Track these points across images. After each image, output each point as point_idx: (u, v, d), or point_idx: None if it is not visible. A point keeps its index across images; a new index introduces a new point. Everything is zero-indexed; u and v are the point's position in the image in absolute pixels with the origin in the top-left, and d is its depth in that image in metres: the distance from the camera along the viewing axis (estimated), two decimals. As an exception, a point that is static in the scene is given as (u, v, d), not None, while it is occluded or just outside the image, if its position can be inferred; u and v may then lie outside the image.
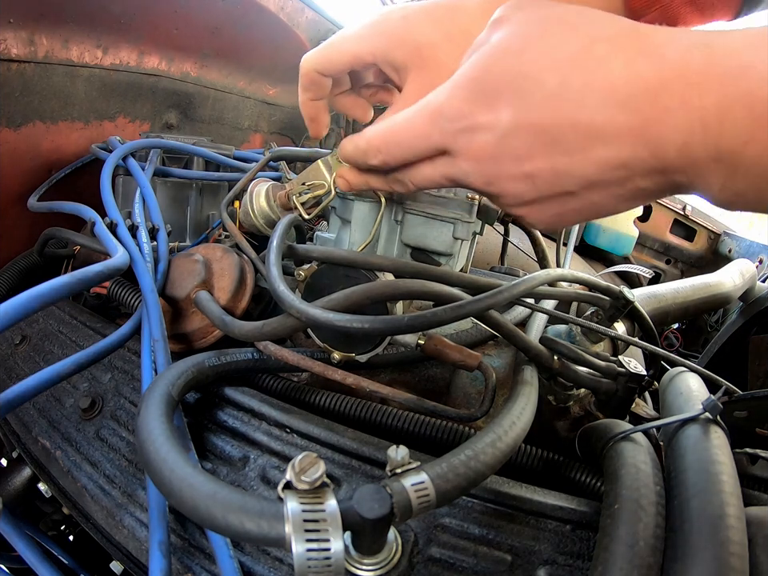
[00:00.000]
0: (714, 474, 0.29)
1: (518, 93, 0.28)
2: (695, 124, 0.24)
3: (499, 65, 0.29)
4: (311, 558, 0.24)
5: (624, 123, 0.26)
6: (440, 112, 0.31)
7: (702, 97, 0.24)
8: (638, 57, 0.26)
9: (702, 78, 0.24)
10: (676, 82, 0.25)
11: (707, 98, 0.24)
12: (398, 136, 0.33)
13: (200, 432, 0.45)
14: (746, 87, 0.23)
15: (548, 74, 0.27)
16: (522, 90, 0.28)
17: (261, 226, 0.59)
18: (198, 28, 1.04)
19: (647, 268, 0.82)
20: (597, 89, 0.26)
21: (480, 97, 0.29)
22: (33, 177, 0.83)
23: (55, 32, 0.79)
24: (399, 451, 0.29)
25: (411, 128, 0.33)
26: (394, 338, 0.46)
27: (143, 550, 0.40)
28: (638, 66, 0.26)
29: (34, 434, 0.51)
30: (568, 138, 0.27)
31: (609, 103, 0.26)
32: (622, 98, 0.26)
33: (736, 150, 0.24)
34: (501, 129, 0.29)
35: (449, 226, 0.51)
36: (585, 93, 0.26)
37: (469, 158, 0.31)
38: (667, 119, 0.25)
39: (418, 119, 0.32)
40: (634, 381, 0.46)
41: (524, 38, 0.28)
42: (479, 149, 0.30)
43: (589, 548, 0.34)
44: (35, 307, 0.38)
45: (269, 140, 1.43)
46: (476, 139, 0.30)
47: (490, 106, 0.29)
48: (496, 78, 0.29)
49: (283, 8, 1.16)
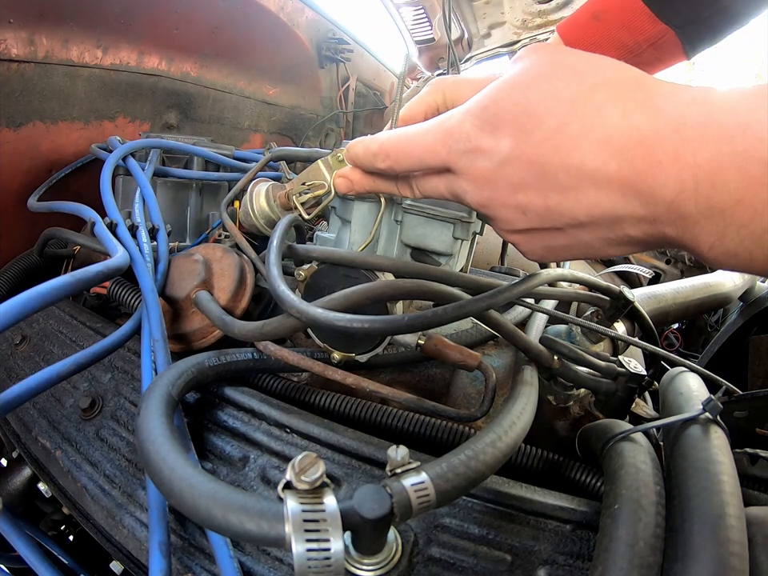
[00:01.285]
0: (714, 474, 0.29)
1: (519, 127, 0.29)
2: (687, 180, 0.24)
3: (507, 98, 0.30)
4: (311, 558, 0.24)
5: (616, 172, 0.26)
6: (450, 132, 0.32)
7: (695, 154, 0.24)
8: (636, 108, 0.26)
9: (697, 135, 0.24)
10: (671, 137, 0.25)
11: (701, 155, 0.24)
12: (410, 147, 0.35)
13: (200, 432, 0.45)
14: (741, 147, 0.23)
15: (548, 115, 0.28)
16: (524, 125, 0.29)
17: (261, 226, 0.59)
18: (197, 28, 1.04)
19: (647, 268, 0.82)
20: (593, 136, 0.27)
21: (486, 124, 0.31)
22: (33, 177, 0.83)
23: (55, 32, 0.79)
24: (399, 451, 0.29)
25: (423, 142, 0.34)
26: (394, 338, 0.46)
27: (143, 549, 0.40)
28: (635, 117, 0.26)
29: (33, 433, 0.51)
30: (560, 178, 0.28)
31: (603, 151, 0.26)
32: (617, 148, 0.26)
33: (726, 209, 0.24)
34: (499, 156, 0.30)
35: (449, 225, 0.51)
36: (581, 138, 0.27)
37: (469, 178, 0.33)
38: (659, 173, 0.25)
39: (429, 136, 0.34)
40: (634, 381, 0.46)
41: (533, 77, 0.30)
42: (478, 171, 0.32)
43: (589, 548, 0.34)
44: (35, 307, 0.38)
45: (269, 140, 1.43)
46: (477, 162, 0.31)
47: (493, 134, 0.30)
48: (502, 109, 0.30)
49: (283, 8, 1.16)
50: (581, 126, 0.27)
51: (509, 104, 0.30)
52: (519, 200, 0.31)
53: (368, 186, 0.41)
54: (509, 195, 0.31)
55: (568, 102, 0.28)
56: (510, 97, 0.30)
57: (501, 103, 0.30)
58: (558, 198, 0.29)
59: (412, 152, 0.35)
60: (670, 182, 0.25)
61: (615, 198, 0.27)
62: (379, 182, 0.41)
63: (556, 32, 0.66)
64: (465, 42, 2.15)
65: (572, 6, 1.86)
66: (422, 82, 1.73)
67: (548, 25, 1.95)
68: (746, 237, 0.24)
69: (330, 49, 1.60)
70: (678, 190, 0.25)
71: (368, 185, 0.41)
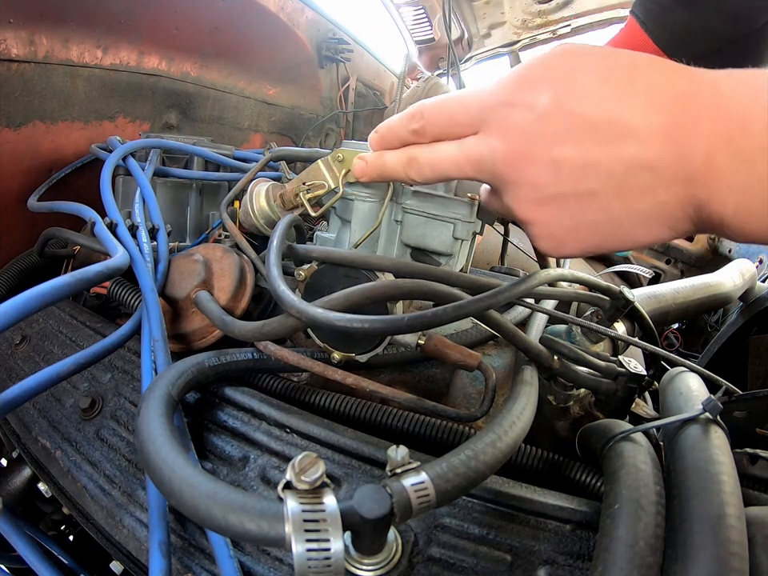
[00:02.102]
0: (714, 473, 0.29)
1: (563, 82, 0.30)
2: (721, 131, 0.26)
3: (550, 62, 0.31)
4: (311, 558, 0.24)
5: (656, 123, 0.27)
6: (485, 90, 0.33)
7: (729, 109, 0.26)
8: (674, 72, 0.28)
9: (731, 95, 0.27)
10: (708, 95, 0.27)
11: (734, 110, 0.26)
12: (444, 104, 0.35)
13: (200, 432, 0.45)
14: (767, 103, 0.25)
15: (594, 72, 0.29)
16: (568, 81, 0.29)
17: (261, 226, 0.59)
18: (197, 28, 1.04)
19: (647, 268, 0.82)
20: (636, 89, 0.28)
21: (525, 81, 0.31)
22: (33, 177, 0.83)
23: (55, 32, 0.79)
24: (399, 451, 0.29)
25: (457, 98, 0.35)
26: (394, 338, 0.46)
27: (143, 550, 0.40)
28: (674, 77, 0.28)
29: (33, 434, 0.51)
30: (603, 131, 0.28)
31: (645, 103, 0.28)
32: (658, 100, 0.27)
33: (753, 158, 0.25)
34: (540, 109, 0.30)
35: (449, 225, 0.51)
36: (624, 91, 0.28)
37: (501, 132, 0.32)
38: (697, 125, 0.27)
39: (464, 94, 0.34)
40: (634, 381, 0.46)
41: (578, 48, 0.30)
42: (514, 125, 0.31)
43: (589, 548, 0.34)
44: (35, 307, 0.38)
45: (269, 140, 1.43)
46: (513, 115, 0.31)
47: (533, 88, 0.30)
48: (545, 70, 0.31)
49: (283, 8, 1.16)
50: (625, 81, 0.28)
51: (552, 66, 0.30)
52: (555, 154, 0.30)
53: (379, 170, 0.41)
54: (545, 149, 0.30)
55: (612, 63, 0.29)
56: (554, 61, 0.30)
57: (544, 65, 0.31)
58: (596, 150, 0.29)
59: (444, 108, 0.35)
60: (705, 133, 0.26)
61: (654, 151, 0.27)
62: (390, 159, 0.40)
63: None
64: (465, 41, 2.15)
65: (572, 6, 1.86)
66: (422, 81, 1.73)
67: (548, 25, 1.96)
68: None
69: (330, 49, 1.60)
70: (713, 143, 0.26)
71: (379, 168, 0.41)
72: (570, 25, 1.93)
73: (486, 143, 0.33)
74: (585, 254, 0.34)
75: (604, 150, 0.28)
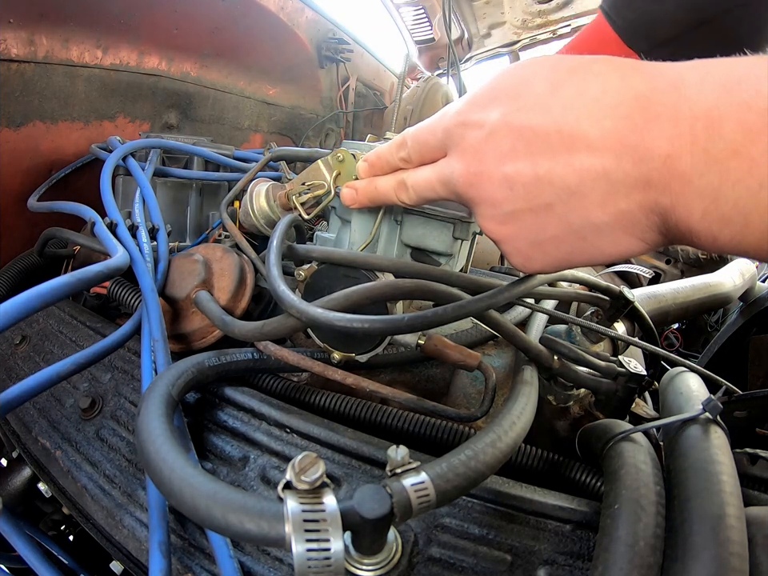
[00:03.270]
0: (714, 473, 0.29)
1: (510, 96, 0.30)
2: (684, 132, 0.24)
3: (501, 78, 0.31)
4: (311, 558, 0.24)
5: (611, 129, 0.26)
6: (446, 112, 0.34)
7: (693, 107, 0.24)
8: (635, 73, 0.26)
9: (695, 90, 0.24)
10: (669, 93, 0.25)
11: (698, 107, 0.24)
12: (419, 131, 0.37)
13: (200, 432, 0.45)
14: (739, 97, 0.23)
15: (542, 82, 0.29)
16: (515, 94, 0.29)
17: (261, 226, 0.59)
18: (198, 28, 1.04)
19: (647, 268, 0.82)
20: (588, 95, 0.27)
21: (478, 100, 0.32)
22: (33, 177, 0.83)
23: (55, 32, 0.79)
24: (399, 451, 0.29)
25: (428, 124, 0.36)
26: (394, 338, 0.46)
27: (143, 549, 0.40)
28: (633, 79, 0.26)
29: (33, 433, 0.51)
30: (552, 142, 0.28)
31: (598, 109, 0.26)
32: (612, 104, 0.26)
33: (723, 160, 0.23)
34: (489, 126, 0.30)
35: (449, 225, 0.51)
36: (575, 98, 0.27)
37: (458, 153, 0.33)
38: (655, 127, 0.25)
39: (433, 118, 0.36)
40: (634, 381, 0.46)
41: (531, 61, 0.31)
42: (467, 144, 0.32)
43: (589, 548, 0.34)
44: (35, 307, 0.38)
45: (269, 140, 1.43)
46: (467, 134, 0.32)
47: (484, 107, 0.31)
48: (496, 87, 0.31)
49: (283, 8, 1.16)
50: (576, 88, 0.27)
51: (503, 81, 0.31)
52: (507, 171, 0.29)
53: (370, 196, 0.43)
54: (496, 166, 0.30)
55: (565, 71, 0.28)
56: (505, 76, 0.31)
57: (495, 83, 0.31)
58: (548, 163, 0.28)
59: (420, 134, 0.37)
60: (665, 134, 0.24)
61: (608, 160, 0.26)
62: (383, 189, 0.41)
63: None
64: (465, 41, 2.15)
65: (572, 6, 1.86)
66: (422, 81, 1.73)
67: (548, 25, 1.96)
68: (743, 194, 0.23)
69: (330, 49, 1.60)
70: (675, 144, 0.24)
71: (371, 194, 0.43)
72: (570, 25, 1.93)
73: (449, 164, 0.34)
74: (557, 269, 0.33)
75: (555, 161, 0.28)
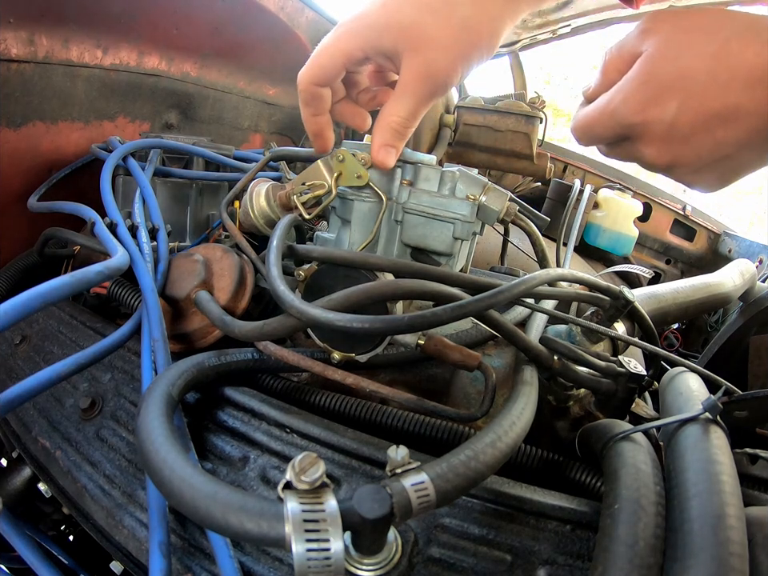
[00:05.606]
0: (714, 474, 0.29)
1: (679, 89, 0.36)
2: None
3: (661, 70, 0.37)
4: (311, 558, 0.24)
5: (762, 97, 0.34)
6: (618, 110, 0.39)
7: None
8: (763, 47, 0.34)
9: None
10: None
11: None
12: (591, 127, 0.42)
13: (200, 432, 0.45)
14: None
15: (700, 72, 0.35)
16: (682, 87, 0.36)
17: (261, 226, 0.59)
18: (198, 28, 1.04)
19: (647, 268, 0.82)
20: (737, 76, 0.34)
21: (650, 97, 0.37)
22: (33, 177, 0.83)
23: (55, 32, 0.79)
24: (399, 451, 0.30)
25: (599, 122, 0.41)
26: (394, 337, 0.46)
27: (143, 550, 0.40)
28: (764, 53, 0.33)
29: (33, 434, 0.51)
30: (722, 115, 0.35)
31: (749, 86, 0.34)
32: (758, 78, 0.34)
33: None
34: (669, 118, 0.37)
35: (449, 225, 0.51)
36: (731, 82, 0.34)
37: (645, 143, 0.39)
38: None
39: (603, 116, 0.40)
40: (634, 381, 0.46)
41: (676, 47, 0.36)
42: (654, 135, 0.38)
43: (589, 548, 0.34)
44: (35, 307, 0.38)
45: (269, 140, 1.43)
46: (650, 128, 0.38)
47: (658, 103, 0.37)
48: (661, 81, 0.37)
49: (283, 8, 1.16)
50: (727, 72, 0.35)
51: (665, 75, 0.36)
52: (693, 145, 0.37)
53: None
54: (684, 145, 0.38)
55: (711, 57, 0.35)
56: (664, 68, 0.36)
57: (658, 76, 0.37)
58: (722, 131, 0.36)
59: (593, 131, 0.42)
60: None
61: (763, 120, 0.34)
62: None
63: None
64: (465, 41, 2.15)
65: (572, 6, 1.86)
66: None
67: (548, 25, 1.95)
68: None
69: (330, 49, 1.59)
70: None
71: None
72: (570, 25, 1.92)
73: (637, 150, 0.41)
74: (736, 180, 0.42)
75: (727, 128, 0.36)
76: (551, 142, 1.91)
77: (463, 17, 0.41)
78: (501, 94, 1.07)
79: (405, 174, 0.53)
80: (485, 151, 0.96)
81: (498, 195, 0.52)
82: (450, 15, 0.41)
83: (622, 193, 1.48)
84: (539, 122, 0.93)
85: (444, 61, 0.42)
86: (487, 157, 0.97)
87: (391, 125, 0.45)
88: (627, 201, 1.46)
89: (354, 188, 0.52)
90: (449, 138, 0.94)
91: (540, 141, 0.95)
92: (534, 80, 6.08)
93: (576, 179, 1.46)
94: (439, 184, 0.52)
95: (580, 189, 1.36)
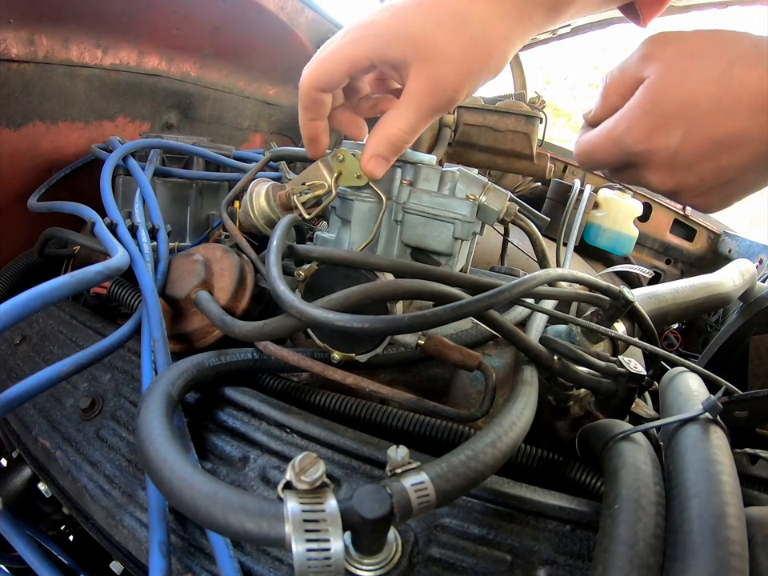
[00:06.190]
0: (714, 474, 0.29)
1: (683, 117, 0.36)
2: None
3: (665, 98, 0.37)
4: (311, 558, 0.24)
5: (766, 123, 0.34)
6: (622, 138, 0.39)
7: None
8: (766, 71, 0.34)
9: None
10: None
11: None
12: (594, 153, 0.42)
13: (200, 432, 0.45)
14: None
15: (704, 99, 0.35)
16: (687, 115, 0.36)
17: (261, 226, 0.59)
18: (198, 28, 1.04)
19: (647, 268, 0.82)
20: (741, 102, 0.34)
21: (654, 125, 0.37)
22: (33, 177, 0.83)
23: (55, 32, 0.79)
24: (399, 451, 0.29)
25: (602, 149, 0.41)
26: (394, 337, 0.46)
27: (143, 550, 0.40)
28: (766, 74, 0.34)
29: (34, 434, 0.51)
30: (726, 142, 0.36)
31: (753, 112, 0.34)
32: (762, 105, 0.34)
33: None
34: (673, 147, 0.37)
35: (449, 225, 0.51)
36: (735, 108, 0.35)
37: (649, 170, 0.40)
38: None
39: (607, 143, 0.40)
40: (634, 381, 0.46)
41: (679, 73, 0.36)
42: (658, 163, 0.38)
43: (589, 548, 0.34)
44: (35, 307, 0.38)
45: (269, 140, 1.43)
46: (654, 156, 0.38)
47: (662, 131, 0.37)
48: (664, 109, 0.37)
49: (283, 8, 1.16)
50: (731, 99, 0.35)
51: (669, 102, 0.36)
52: (697, 171, 0.38)
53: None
54: (688, 172, 0.38)
55: (714, 83, 0.35)
56: (668, 95, 0.36)
57: (662, 103, 0.37)
58: (726, 157, 0.36)
59: (596, 157, 0.42)
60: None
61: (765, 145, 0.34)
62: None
63: None
64: (465, 41, 2.15)
65: (572, 6, 1.86)
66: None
67: (548, 25, 1.95)
68: None
69: (330, 49, 1.59)
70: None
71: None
72: (570, 25, 1.92)
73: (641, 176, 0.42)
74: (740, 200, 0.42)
75: (731, 154, 0.36)
76: (551, 142, 1.91)
77: (474, 34, 0.41)
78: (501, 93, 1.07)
79: (405, 173, 0.53)
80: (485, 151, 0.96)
81: (497, 195, 0.52)
82: (461, 31, 0.40)
83: (621, 193, 1.48)
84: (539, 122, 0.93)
85: (453, 75, 0.42)
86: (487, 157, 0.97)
87: (389, 137, 0.45)
88: (627, 201, 1.46)
89: (354, 188, 0.52)
90: (449, 138, 0.95)
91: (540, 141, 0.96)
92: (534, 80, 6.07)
93: (576, 179, 1.46)
94: (439, 184, 0.52)
95: (580, 189, 1.36)
